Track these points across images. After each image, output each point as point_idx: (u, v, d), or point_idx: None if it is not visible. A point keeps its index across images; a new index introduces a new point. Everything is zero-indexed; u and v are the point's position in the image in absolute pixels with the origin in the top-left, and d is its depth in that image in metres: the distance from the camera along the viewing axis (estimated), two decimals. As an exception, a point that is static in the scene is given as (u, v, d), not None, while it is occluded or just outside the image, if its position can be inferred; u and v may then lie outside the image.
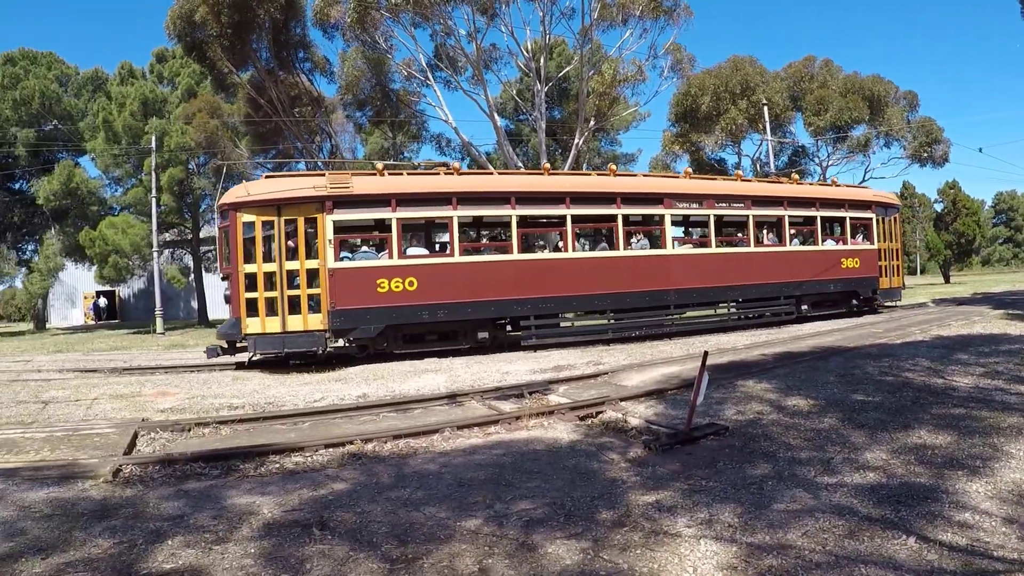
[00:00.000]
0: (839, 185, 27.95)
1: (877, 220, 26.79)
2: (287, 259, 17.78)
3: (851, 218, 26.06)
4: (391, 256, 18.27)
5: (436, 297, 18.43)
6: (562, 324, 20.36)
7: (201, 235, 49.82)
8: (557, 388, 12.94)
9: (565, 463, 7.85)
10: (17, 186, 54.71)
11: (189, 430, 10.81)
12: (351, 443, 9.18)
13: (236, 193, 18.46)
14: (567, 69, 43.30)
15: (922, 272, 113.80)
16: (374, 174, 19.03)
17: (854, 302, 26.30)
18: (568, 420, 10.20)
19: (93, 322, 64.68)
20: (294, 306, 17.81)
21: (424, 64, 37.83)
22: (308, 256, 17.85)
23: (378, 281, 18.03)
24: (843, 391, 10.86)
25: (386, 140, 45.41)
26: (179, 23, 35.50)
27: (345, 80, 39.69)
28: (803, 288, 24.43)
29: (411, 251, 18.81)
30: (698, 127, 48.09)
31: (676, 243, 22.83)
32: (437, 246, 21.03)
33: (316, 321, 17.63)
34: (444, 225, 19.87)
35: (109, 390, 15.21)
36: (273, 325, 17.60)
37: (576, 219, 20.19)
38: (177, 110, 44.79)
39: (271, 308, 17.68)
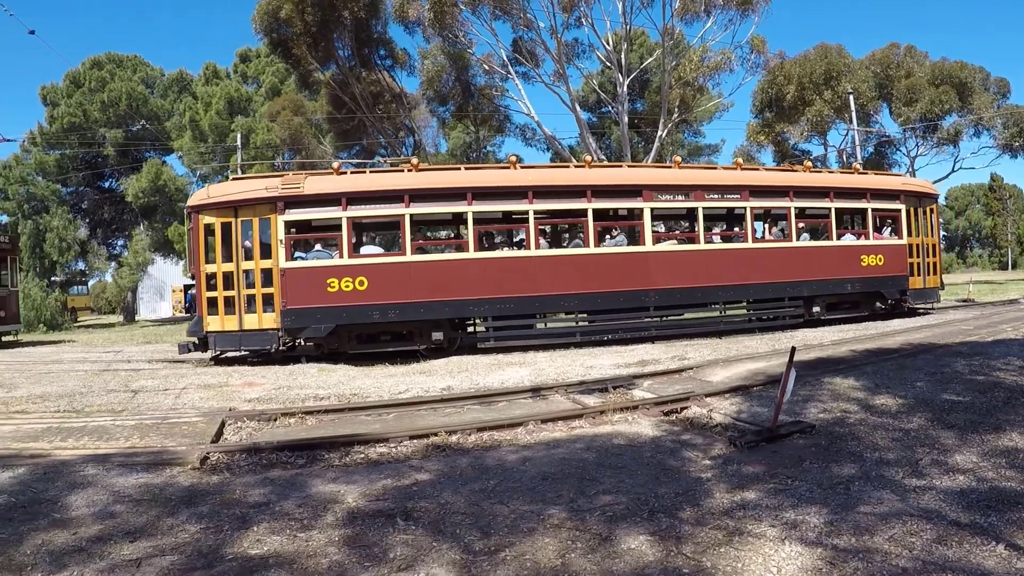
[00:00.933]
0: (862, 172, 24.60)
1: (907, 212, 23.76)
2: (244, 259, 18.29)
3: (874, 210, 23.09)
4: (341, 255, 18.30)
5: (387, 297, 18.26)
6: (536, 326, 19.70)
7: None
8: (641, 383, 12.79)
9: (648, 459, 7.74)
10: (107, 184, 56.39)
11: (275, 420, 10.98)
12: (435, 435, 9.18)
13: (198, 196, 19.40)
14: (648, 60, 42.98)
15: (1014, 267, 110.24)
16: (331, 173, 19.22)
17: (878, 304, 23.46)
18: (652, 415, 10.07)
19: (183, 314, 66.24)
20: (250, 305, 18.28)
21: (504, 58, 37.88)
22: (264, 256, 18.24)
23: (328, 281, 18.09)
24: (932, 390, 10.49)
25: (468, 135, 45.46)
26: (266, 19, 36.14)
27: (426, 75, 39.93)
28: (813, 288, 21.84)
29: (365, 250, 19.10)
30: (782, 117, 46.59)
31: (665, 239, 21.70)
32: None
33: (270, 320, 18.08)
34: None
35: (197, 380, 15.58)
36: (231, 323, 18.21)
37: (539, 214, 19.54)
38: (262, 108, 45.60)
39: (229, 307, 18.23)
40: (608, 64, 39.04)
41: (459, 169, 21.45)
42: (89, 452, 9.15)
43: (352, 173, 19.50)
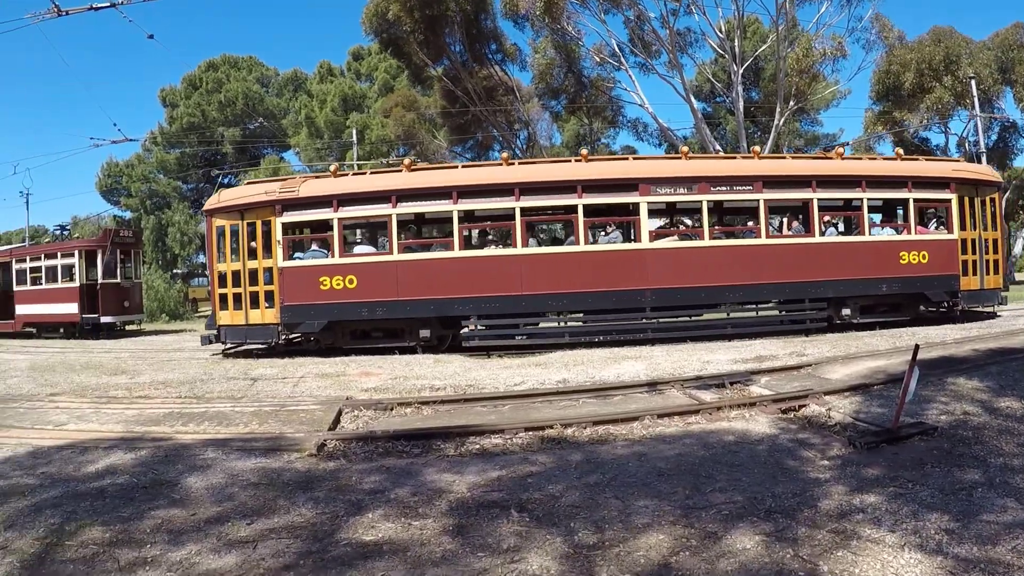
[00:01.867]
0: (903, 159, 21.62)
1: (960, 202, 20.44)
2: (249, 259, 19.37)
3: (917, 200, 20.23)
4: (333, 255, 18.91)
5: (375, 295, 18.62)
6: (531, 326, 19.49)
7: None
8: (759, 379, 12.48)
9: (765, 457, 7.55)
10: (226, 181, 57.97)
11: (391, 409, 11.10)
12: (550, 427, 9.11)
13: (212, 200, 20.55)
14: (762, 48, 42.08)
15: None
16: (329, 176, 19.90)
17: (922, 308, 20.87)
18: (769, 413, 9.80)
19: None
20: (255, 301, 19.28)
21: (616, 49, 37.59)
22: (267, 256, 19.20)
23: (320, 279, 18.75)
24: (1062, 393, 9.98)
25: (582, 127, 45.23)
26: (374, 20, 36.60)
27: (538, 69, 39.86)
28: (840, 289, 19.55)
29: (358, 249, 19.72)
30: (901, 104, 44.59)
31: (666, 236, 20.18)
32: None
33: (271, 315, 19.00)
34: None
35: (315, 369, 15.96)
36: (239, 318, 19.39)
37: (527, 212, 19.09)
38: (376, 104, 46.27)
39: (237, 303, 19.44)
40: (721, 53, 38.33)
41: (450, 168, 21.55)
42: (209, 436, 9.47)
43: (354, 175, 20.59)
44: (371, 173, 20.77)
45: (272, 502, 6.51)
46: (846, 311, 19.77)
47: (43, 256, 31.55)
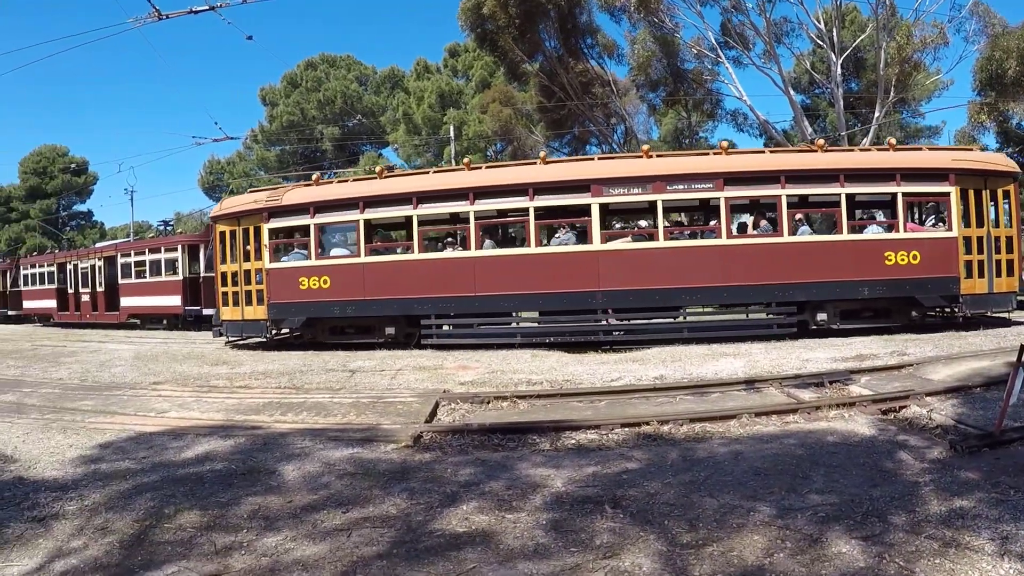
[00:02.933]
0: (900, 148, 19.67)
1: (961, 196, 18.37)
2: (244, 261, 21.19)
3: (907, 195, 18.37)
4: (310, 257, 20.21)
5: (345, 295, 19.77)
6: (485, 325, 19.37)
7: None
8: (858, 379, 12.12)
9: (863, 459, 7.30)
10: (326, 177, 58.94)
11: (488, 403, 11.14)
12: (647, 424, 9.02)
13: (216, 208, 23.23)
14: (861, 37, 40.83)
15: None
16: (312, 185, 21.49)
17: (913, 313, 18.60)
18: (869, 413, 9.48)
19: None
20: (249, 299, 21.06)
21: (713, 41, 37.00)
22: (258, 258, 20.83)
23: (300, 279, 20.11)
24: None
25: (680, 120, 44.70)
26: (470, 16, 36.72)
27: (636, 62, 39.44)
28: (811, 292, 18.22)
29: (334, 252, 20.53)
30: (1005, 95, 42.57)
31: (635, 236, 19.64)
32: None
33: (261, 312, 20.67)
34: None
35: (413, 362, 16.18)
36: (236, 314, 21.27)
37: (480, 215, 19.37)
38: (473, 101, 46.53)
39: (235, 300, 21.29)
40: (819, 43, 37.26)
41: (414, 175, 22.04)
42: (306, 426, 9.69)
43: (339, 182, 22.62)
44: (352, 181, 22.56)
45: (367, 491, 6.57)
46: (822, 315, 18.44)
47: (147, 251, 32.64)
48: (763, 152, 21.36)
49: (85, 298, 36.47)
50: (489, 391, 11.94)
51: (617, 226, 20.69)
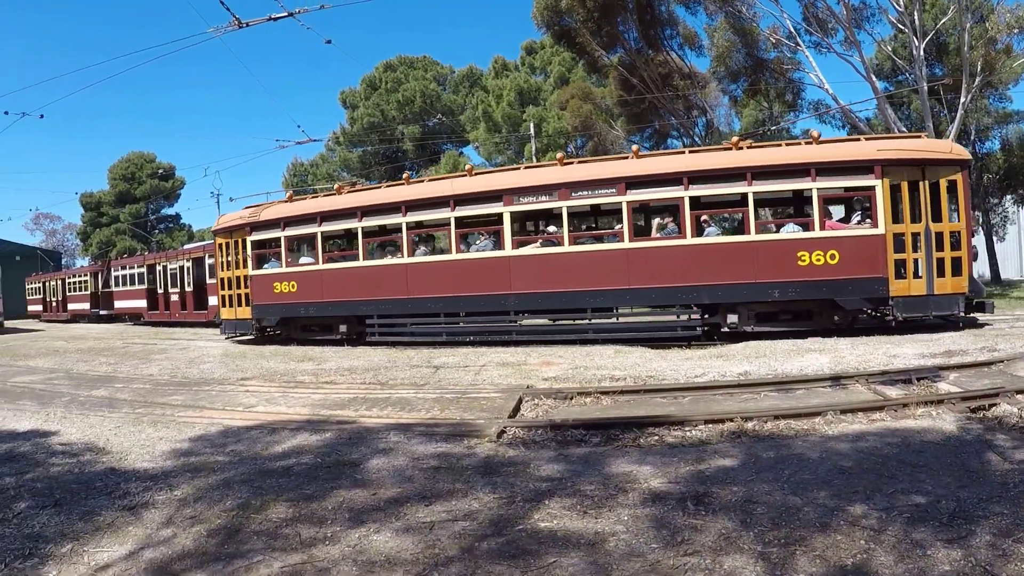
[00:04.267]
0: (825, 141, 18.51)
1: (891, 189, 17.20)
2: (236, 268, 24.99)
3: (823, 190, 17.42)
4: (283, 265, 23.36)
5: (309, 298, 22.77)
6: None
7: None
8: (947, 375, 11.71)
9: (951, 458, 7.01)
10: (410, 175, 59.59)
11: (571, 398, 11.04)
12: (731, 420, 8.86)
13: (215, 223, 27.17)
14: (944, 20, 39.56)
15: None
16: (286, 202, 24.47)
17: (836, 317, 17.76)
18: (958, 411, 9.13)
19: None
20: (240, 301, 24.76)
21: (791, 29, 36.18)
22: (246, 266, 24.36)
23: (274, 284, 23.39)
24: None
25: (761, 111, 43.84)
26: (546, 12, 36.62)
27: (716, 52, 38.82)
28: (717, 294, 17.87)
29: (303, 260, 23.43)
30: None
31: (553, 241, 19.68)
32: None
33: (248, 312, 24.34)
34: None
35: (496, 358, 16.24)
36: (232, 313, 25.16)
37: (411, 226, 21.21)
38: (551, 97, 46.41)
39: (231, 302, 25.16)
40: (900, 27, 36.08)
41: (361, 191, 24.27)
42: (391, 421, 9.74)
43: (309, 199, 25.40)
44: (312, 198, 25.70)
45: (451, 486, 6.57)
46: (733, 318, 17.99)
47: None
48: (669, 154, 20.87)
49: (174, 298, 37.64)
50: (572, 387, 11.86)
51: (554, 230, 20.59)
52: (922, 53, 33.92)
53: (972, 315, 18.27)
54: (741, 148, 18.41)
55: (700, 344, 17.24)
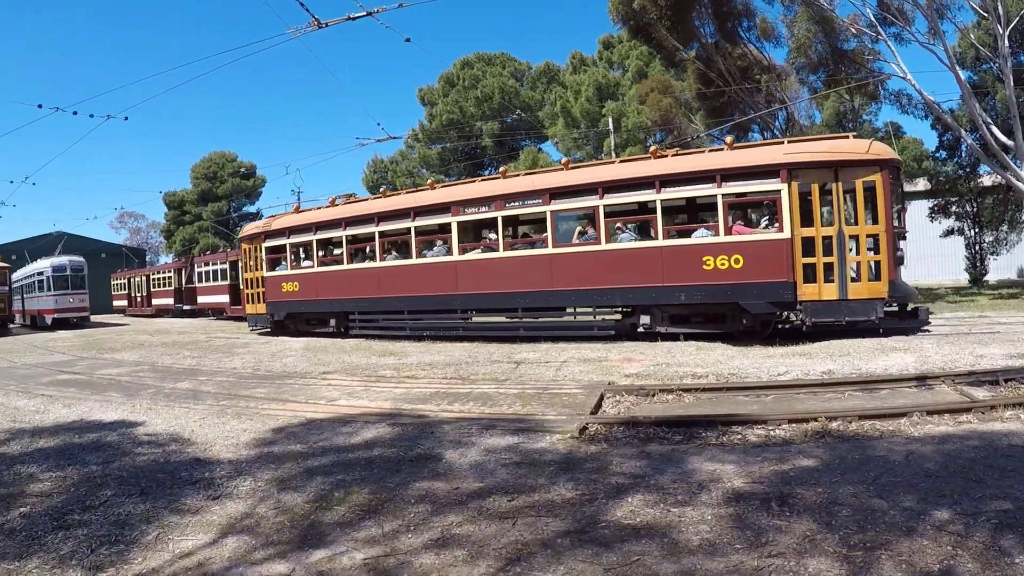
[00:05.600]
0: (743, 147, 19.04)
1: (799, 192, 16.96)
2: (256, 270, 28.55)
3: (728, 196, 17.42)
4: (288, 268, 26.96)
5: (307, 296, 26.30)
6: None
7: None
8: (1037, 377, 11.44)
9: (1040, 464, 6.81)
10: (487, 172, 59.72)
11: (653, 395, 10.95)
12: (815, 420, 8.67)
13: (241, 232, 31.73)
14: (1027, 5, 38.11)
15: None
16: (293, 213, 28.42)
17: (744, 320, 17.70)
18: (1048, 413, 8.91)
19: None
20: (258, 299, 28.51)
21: (871, 18, 35.25)
22: (263, 269, 28.11)
23: (282, 284, 27.06)
24: None
25: (842, 104, 42.86)
26: (621, 8, 36.33)
27: (794, 44, 38.02)
28: (629, 297, 18.68)
29: (303, 264, 26.67)
30: None
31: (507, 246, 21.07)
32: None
33: (263, 308, 28.07)
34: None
35: (577, 354, 16.18)
36: (252, 309, 29.02)
37: (382, 234, 23.88)
38: (630, 92, 46.07)
39: (253, 299, 28.85)
40: (983, 14, 34.88)
41: (344, 204, 26.82)
42: (473, 416, 9.79)
43: (313, 210, 27.79)
44: (311, 211, 28.08)
45: (532, 481, 6.55)
46: (646, 319, 18.51)
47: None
48: (591, 165, 22.15)
49: (256, 293, 38.55)
50: (654, 384, 11.73)
51: (494, 237, 22.24)
52: (1007, 41, 32.80)
53: (908, 321, 17.76)
54: (664, 156, 19.20)
55: (783, 343, 16.99)
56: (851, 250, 16.68)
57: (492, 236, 21.26)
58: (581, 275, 19.09)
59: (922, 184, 42.98)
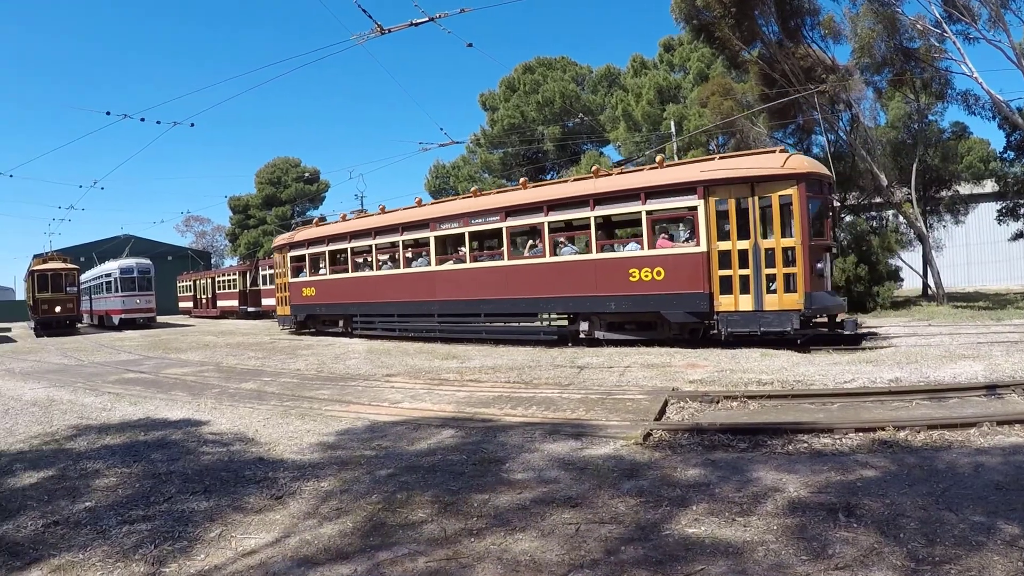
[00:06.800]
0: (662, 166, 19.53)
1: (716, 208, 17.69)
2: (284, 277, 32.88)
3: (651, 213, 18.59)
4: (307, 275, 30.72)
5: (321, 300, 30.03)
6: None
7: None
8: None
9: (1117, 474, 6.57)
10: (548, 177, 59.64)
11: (717, 402, 10.88)
12: (882, 429, 8.50)
13: (274, 242, 37.11)
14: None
15: None
16: (312, 226, 32.68)
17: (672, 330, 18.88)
18: (1125, 423, 8.62)
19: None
20: (285, 301, 32.64)
21: (936, 15, 34.36)
22: (288, 276, 32.21)
23: (302, 289, 30.94)
24: None
25: (907, 103, 41.95)
26: (683, 7, 36.06)
27: (858, 43, 37.26)
28: (568, 305, 20.52)
29: (320, 271, 30.11)
30: None
31: (481, 257, 23.87)
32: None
33: (289, 310, 32.16)
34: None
35: (640, 359, 16.08)
36: (283, 310, 33.30)
37: (378, 247, 27.08)
38: (691, 95, 45.65)
39: (282, 302, 33.24)
40: None
41: (348, 221, 30.26)
42: (536, 420, 9.76)
43: (333, 223, 31.64)
44: (326, 224, 32.16)
45: (595, 488, 6.49)
46: (585, 325, 20.20)
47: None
48: (538, 186, 23.43)
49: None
50: (719, 390, 11.63)
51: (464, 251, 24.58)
52: (1073, 35, 31.75)
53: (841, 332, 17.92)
54: (609, 175, 20.74)
55: (849, 349, 16.83)
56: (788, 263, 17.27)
57: (462, 250, 23.80)
58: (531, 285, 21.19)
59: (989, 186, 42.04)
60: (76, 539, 5.78)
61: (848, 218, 38.39)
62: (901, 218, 36.22)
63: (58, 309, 43.71)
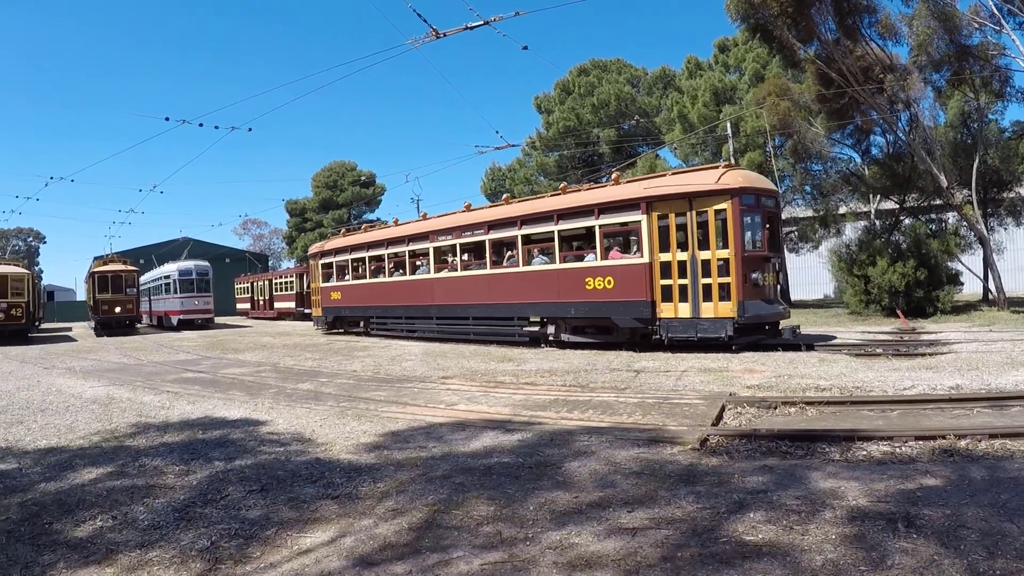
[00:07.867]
0: (619, 183, 21.56)
1: (658, 222, 19.16)
2: (316, 282, 36.58)
3: (604, 227, 20.49)
4: (335, 280, 34.22)
5: (346, 303, 33.32)
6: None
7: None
8: None
9: None
10: (604, 180, 59.47)
11: (775, 408, 10.77)
12: (943, 437, 8.31)
13: (309, 250, 42.16)
14: None
15: None
16: (340, 235, 36.90)
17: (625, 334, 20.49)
18: None
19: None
20: (318, 304, 36.41)
21: (993, 9, 33.46)
22: (320, 281, 35.94)
23: (330, 293, 34.41)
24: None
25: (966, 102, 40.97)
26: (739, 5, 35.60)
27: (915, 40, 36.48)
28: (538, 310, 22.70)
29: (345, 277, 33.55)
30: None
31: (473, 266, 25.96)
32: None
33: (320, 312, 35.81)
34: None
35: (697, 364, 16.08)
36: (317, 312, 36.62)
37: (389, 257, 29.86)
38: (747, 96, 45.19)
39: (316, 304, 36.73)
40: None
41: (366, 231, 34.43)
42: (592, 424, 9.74)
43: (359, 232, 35.00)
44: (351, 234, 35.58)
45: (653, 492, 6.43)
46: (551, 329, 22.20)
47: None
48: (517, 201, 25.45)
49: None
50: (776, 396, 11.53)
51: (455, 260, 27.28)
52: None
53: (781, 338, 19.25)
54: (576, 191, 23.00)
55: (909, 355, 16.64)
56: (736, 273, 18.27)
57: (454, 260, 26.39)
58: (508, 292, 23.38)
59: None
60: (134, 537, 5.87)
61: (907, 221, 37.81)
62: (962, 220, 35.49)
63: (118, 310, 44.66)
